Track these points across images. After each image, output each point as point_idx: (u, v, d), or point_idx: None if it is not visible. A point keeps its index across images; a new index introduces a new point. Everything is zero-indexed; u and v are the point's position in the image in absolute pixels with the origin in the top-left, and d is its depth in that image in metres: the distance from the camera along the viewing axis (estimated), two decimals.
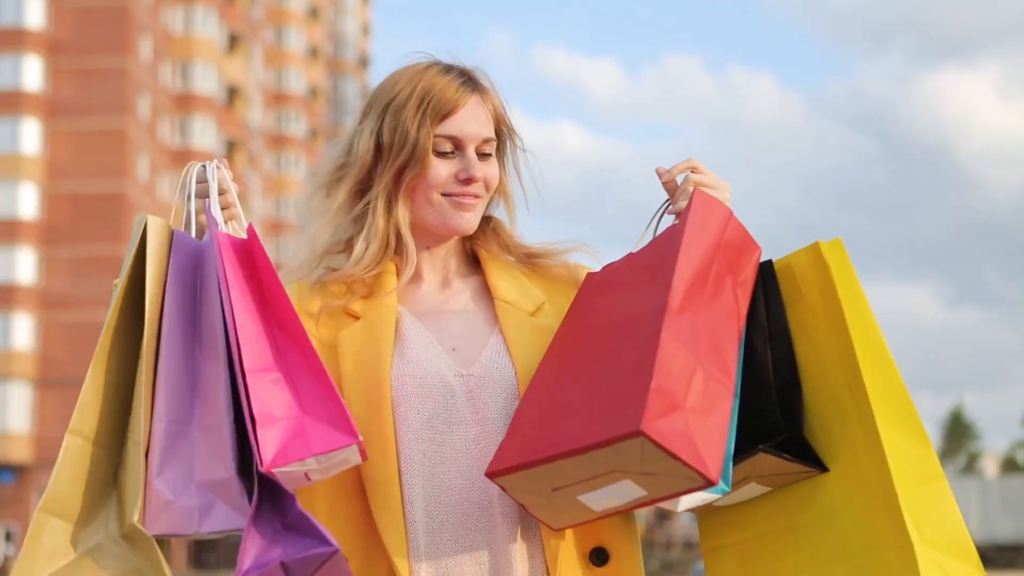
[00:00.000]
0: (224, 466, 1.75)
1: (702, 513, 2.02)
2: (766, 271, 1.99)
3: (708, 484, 1.74)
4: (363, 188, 2.11)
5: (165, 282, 1.85)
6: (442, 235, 2.13)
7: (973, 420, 72.46)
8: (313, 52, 72.62)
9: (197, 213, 2.01)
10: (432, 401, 2.01)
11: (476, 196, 2.09)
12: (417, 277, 2.15)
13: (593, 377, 1.84)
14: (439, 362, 2.04)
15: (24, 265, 46.81)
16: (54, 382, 46.33)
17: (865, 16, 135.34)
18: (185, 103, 54.18)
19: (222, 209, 2.01)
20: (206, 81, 54.79)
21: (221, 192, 2.01)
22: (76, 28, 48.46)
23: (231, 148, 58.56)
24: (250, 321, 1.81)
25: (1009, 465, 67.85)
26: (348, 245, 2.12)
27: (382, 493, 1.97)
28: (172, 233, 1.90)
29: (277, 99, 67.73)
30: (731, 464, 1.84)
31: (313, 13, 73.03)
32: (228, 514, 1.76)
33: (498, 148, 2.15)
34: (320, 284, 2.09)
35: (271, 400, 1.77)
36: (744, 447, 1.87)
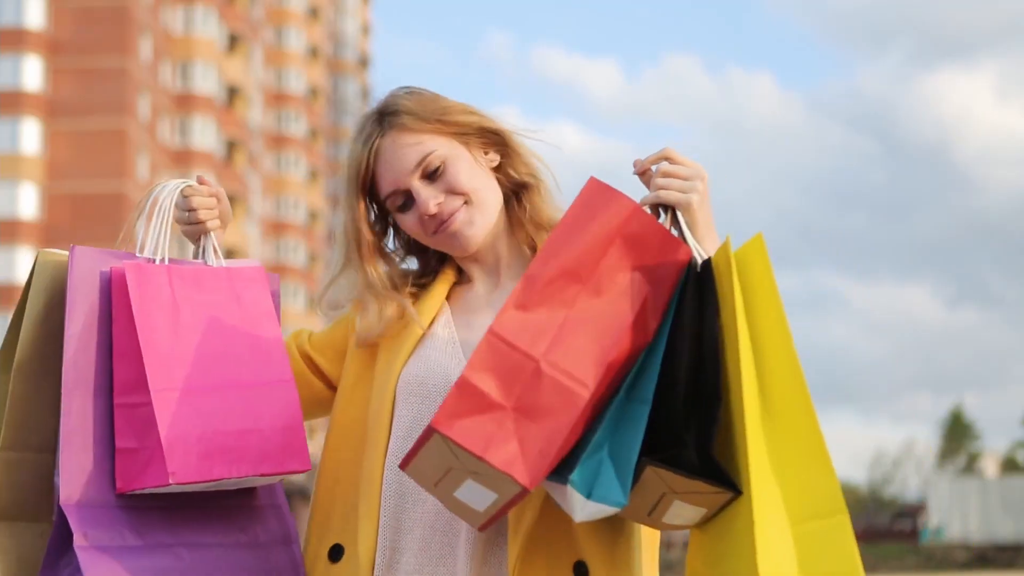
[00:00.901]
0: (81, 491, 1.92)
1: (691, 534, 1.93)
2: (704, 274, 1.82)
3: (524, 489, 1.68)
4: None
5: (57, 309, 1.99)
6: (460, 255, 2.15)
7: (973, 420, 72.45)
8: (313, 52, 72.62)
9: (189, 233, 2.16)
10: (429, 401, 2.02)
11: (452, 213, 2.07)
12: (469, 278, 2.16)
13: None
14: (449, 361, 2.05)
15: (24, 265, 46.80)
16: None
17: (864, 16, 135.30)
18: (185, 103, 54.18)
19: (191, 225, 2.13)
20: (206, 81, 54.79)
21: (189, 210, 2.11)
22: (76, 28, 48.46)
23: (231, 148, 58.56)
24: (119, 355, 1.98)
25: (1009, 465, 67.80)
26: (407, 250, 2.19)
27: (365, 488, 2.02)
28: (66, 264, 2.02)
29: (277, 99, 67.73)
30: (626, 476, 1.72)
31: (313, 13, 73.03)
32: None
33: (474, 136, 2.11)
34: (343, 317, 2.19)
35: (131, 430, 1.94)
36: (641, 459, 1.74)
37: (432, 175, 2.06)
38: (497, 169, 2.14)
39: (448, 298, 2.14)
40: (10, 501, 1.92)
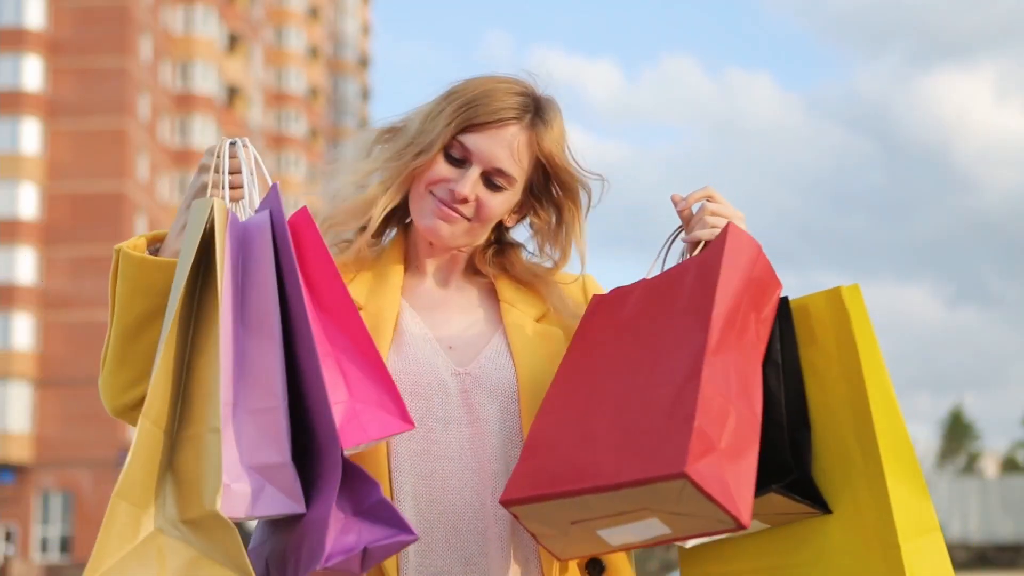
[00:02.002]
0: (278, 451, 1.73)
1: None
2: (782, 309, 1.95)
3: (739, 527, 1.71)
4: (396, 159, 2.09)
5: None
6: (423, 236, 2.10)
7: (973, 420, 72.41)
8: (313, 52, 72.60)
9: (230, 188, 2.02)
10: (426, 399, 2.01)
11: (458, 215, 2.05)
12: (421, 271, 2.14)
13: (620, 409, 1.80)
14: (436, 359, 2.04)
15: (24, 265, 46.81)
16: (54, 382, 46.32)
17: (863, 17, 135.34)
18: (185, 103, 54.18)
19: (233, 189, 2.02)
20: (206, 81, 54.79)
21: (232, 172, 2.02)
22: (76, 28, 48.46)
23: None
24: (305, 304, 1.79)
25: (1009, 465, 67.75)
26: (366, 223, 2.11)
27: None
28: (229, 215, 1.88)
29: (277, 99, 67.73)
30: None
31: (313, 13, 73.01)
32: (279, 498, 1.74)
33: (545, 192, 2.10)
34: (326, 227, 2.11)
35: (330, 384, 1.77)
36: (757, 485, 1.83)
37: (489, 183, 2.05)
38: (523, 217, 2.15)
39: (402, 289, 2.10)
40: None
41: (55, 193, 47.70)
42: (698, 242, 1.98)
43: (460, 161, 2.04)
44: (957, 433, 71.12)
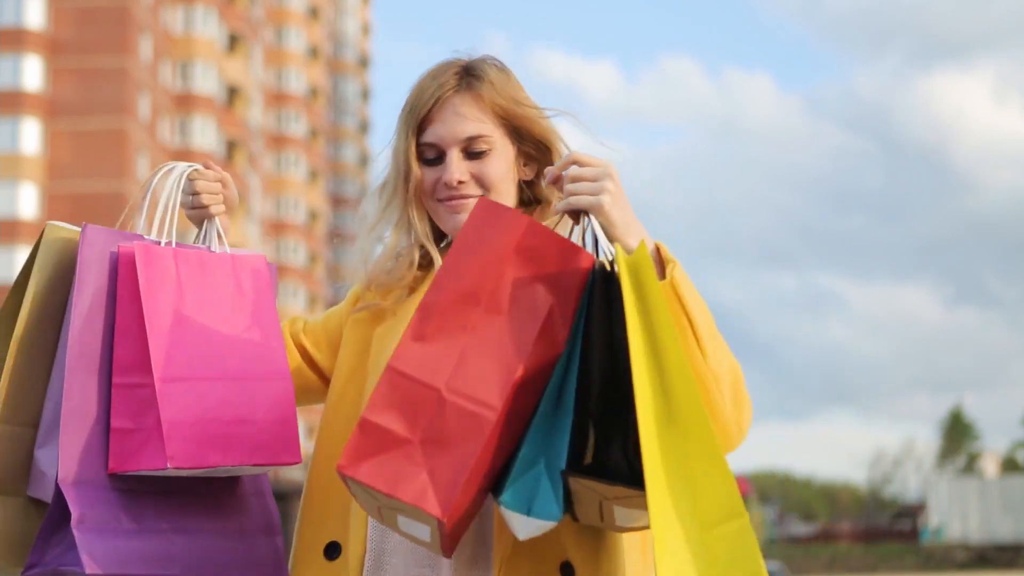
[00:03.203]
0: (72, 468, 1.91)
1: None
2: (612, 278, 1.77)
3: (440, 520, 1.67)
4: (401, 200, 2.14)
5: (60, 285, 1.98)
6: None
7: (973, 420, 72.42)
8: (313, 52, 72.60)
9: (193, 208, 2.14)
10: None
11: (466, 197, 2.06)
12: None
13: None
14: None
15: None
16: None
17: (862, 19, 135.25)
18: (185, 103, 54.19)
19: (195, 209, 2.13)
20: (206, 81, 54.79)
21: (194, 193, 2.12)
22: (76, 28, 48.46)
23: (231, 148, 58.56)
24: (121, 335, 1.96)
25: (1009, 465, 67.77)
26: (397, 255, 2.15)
27: None
28: (76, 238, 2.01)
29: (277, 99, 67.73)
30: (559, 489, 1.72)
31: (313, 13, 73.02)
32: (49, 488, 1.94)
33: (527, 141, 2.10)
34: (369, 286, 2.16)
35: (128, 410, 1.93)
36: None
37: (473, 155, 2.06)
38: (528, 183, 2.14)
39: None
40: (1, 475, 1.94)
41: (55, 193, 47.71)
42: (574, 212, 1.86)
43: (436, 158, 2.07)
44: (957, 433, 71.14)
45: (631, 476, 1.71)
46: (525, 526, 1.72)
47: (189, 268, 2.01)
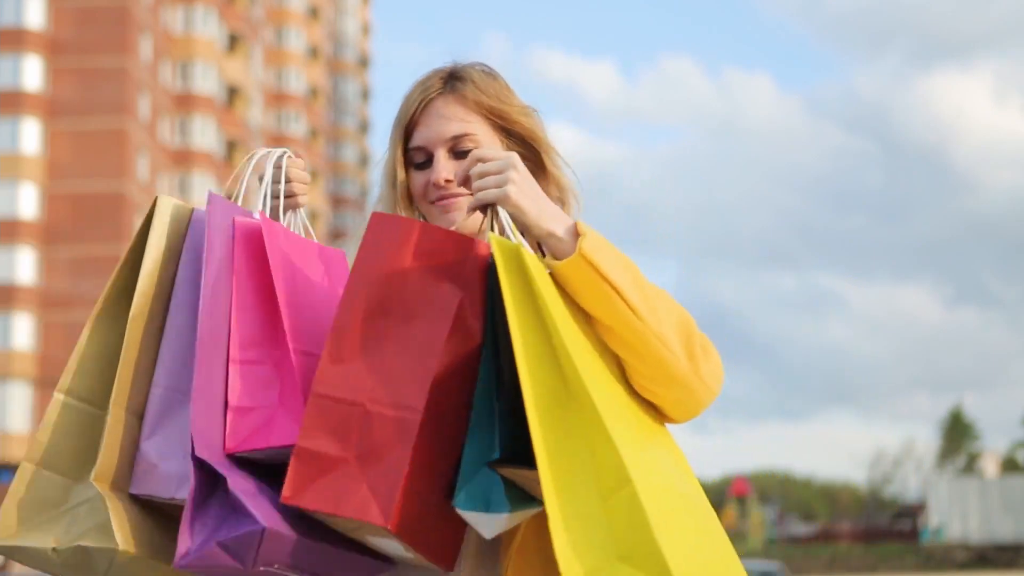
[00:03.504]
0: (203, 443, 1.78)
1: None
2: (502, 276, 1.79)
3: (387, 528, 1.68)
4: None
5: (171, 259, 1.89)
6: None
7: (973, 420, 72.42)
8: (313, 52, 72.64)
9: (286, 197, 2.09)
10: None
11: (455, 196, 2.07)
12: None
13: None
14: None
15: (24, 265, 46.83)
16: (54, 382, 46.14)
17: (862, 19, 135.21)
18: (185, 103, 54.21)
19: (286, 198, 2.08)
20: (206, 81, 54.82)
21: (287, 181, 2.08)
22: (76, 28, 48.48)
23: (231, 148, 58.58)
24: (240, 309, 1.85)
25: (1009, 465, 67.77)
26: None
27: None
28: (191, 212, 1.93)
29: (277, 99, 67.77)
30: (508, 486, 1.73)
31: (313, 13, 73.05)
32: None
33: (511, 136, 2.12)
34: None
35: (249, 388, 1.82)
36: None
37: (460, 155, 2.09)
38: None
39: None
40: (119, 466, 1.81)
41: (55, 193, 47.72)
42: (483, 207, 1.87)
43: (425, 162, 2.10)
44: (957, 433, 71.15)
45: (519, 460, 1.73)
46: (488, 523, 1.73)
47: (296, 251, 1.95)
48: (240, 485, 1.74)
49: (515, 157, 1.89)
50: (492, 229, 1.86)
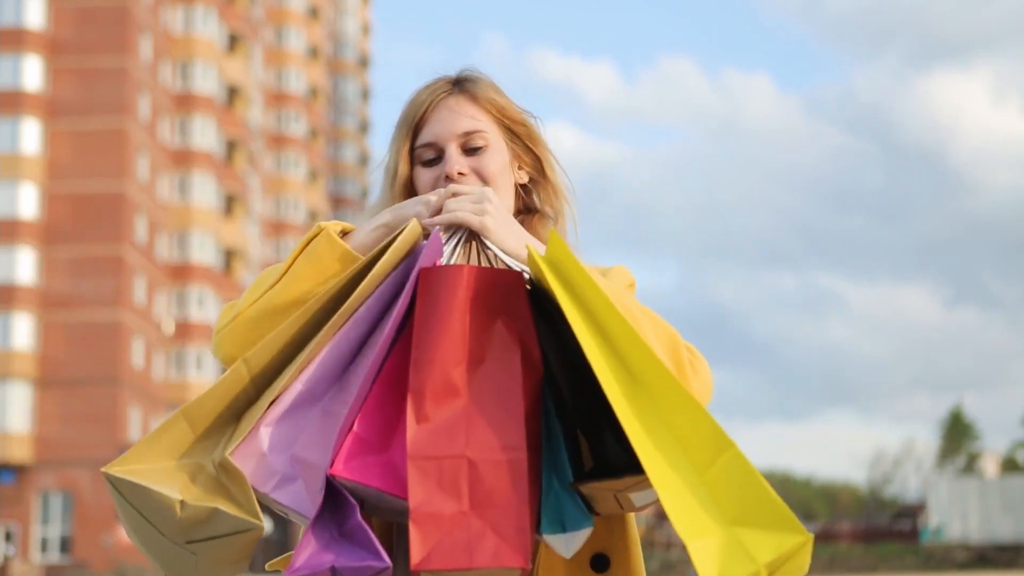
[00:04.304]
0: (323, 454, 1.77)
1: None
2: (535, 286, 1.84)
3: (523, 570, 1.69)
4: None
5: (384, 278, 1.88)
6: None
7: (973, 420, 72.45)
8: (313, 52, 72.63)
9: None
10: None
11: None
12: None
13: None
14: None
15: (24, 265, 46.83)
16: (54, 382, 46.33)
17: (861, 19, 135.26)
18: (185, 103, 54.21)
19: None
20: (206, 81, 54.81)
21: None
22: (76, 28, 48.49)
23: (231, 148, 58.59)
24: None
25: (1009, 465, 67.81)
26: None
27: None
28: (421, 239, 1.92)
29: (277, 99, 67.76)
30: (576, 499, 1.78)
31: (313, 13, 73.04)
32: (301, 496, 1.78)
33: (516, 142, 2.15)
34: None
35: (376, 423, 1.80)
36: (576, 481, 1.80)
37: (470, 151, 2.10)
38: (524, 189, 2.18)
39: None
40: None
41: (55, 193, 47.72)
42: (451, 228, 1.92)
43: (434, 158, 2.11)
44: (957, 433, 71.18)
45: (632, 464, 1.74)
46: (567, 544, 1.77)
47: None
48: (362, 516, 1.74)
49: (490, 191, 1.95)
50: (471, 258, 1.91)
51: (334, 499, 1.75)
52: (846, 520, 73.35)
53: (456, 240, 1.92)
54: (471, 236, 1.93)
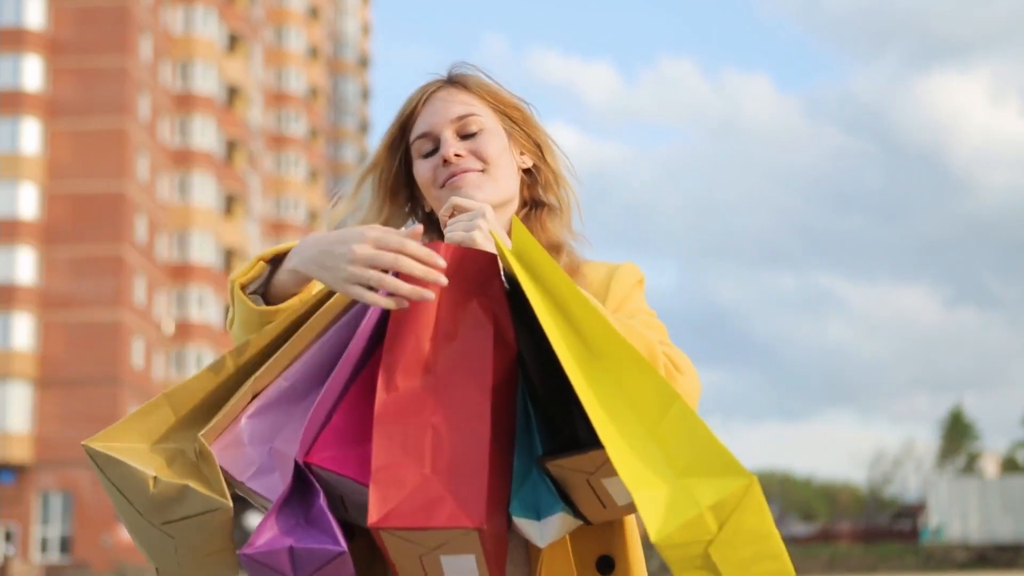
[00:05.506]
0: (300, 449, 1.80)
1: None
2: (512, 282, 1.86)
3: (479, 530, 1.71)
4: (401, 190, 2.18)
5: None
6: None
7: (973, 420, 72.44)
8: (313, 52, 72.62)
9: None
10: None
11: (466, 170, 2.07)
12: None
13: None
14: None
15: (24, 265, 46.83)
16: (54, 382, 46.33)
17: (861, 19, 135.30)
18: (185, 103, 54.20)
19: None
20: (206, 81, 54.81)
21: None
22: (76, 28, 48.48)
23: (231, 148, 58.58)
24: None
25: (1009, 465, 67.79)
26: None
27: None
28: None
29: (277, 99, 67.75)
30: (550, 487, 1.80)
31: (313, 13, 73.04)
32: (277, 487, 1.81)
33: (513, 126, 2.14)
34: None
35: (354, 416, 1.83)
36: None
37: (466, 135, 2.09)
38: (529, 178, 2.16)
39: None
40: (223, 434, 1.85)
41: (55, 193, 47.72)
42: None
43: (432, 150, 2.10)
44: (957, 433, 71.18)
45: (576, 445, 1.78)
46: (540, 531, 1.79)
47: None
48: (325, 502, 1.76)
49: (488, 208, 1.95)
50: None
51: (302, 486, 1.78)
52: (846, 520, 73.36)
53: None
54: None
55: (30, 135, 47.47)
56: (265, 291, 1.95)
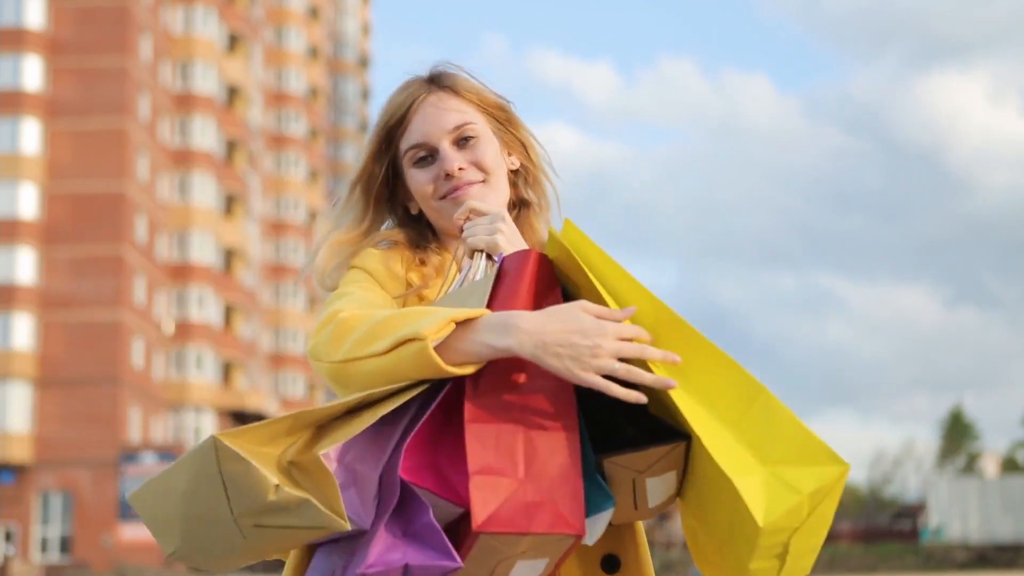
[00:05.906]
0: (375, 465, 1.82)
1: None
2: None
3: (578, 537, 1.73)
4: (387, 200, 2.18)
5: None
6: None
7: (973, 420, 72.45)
8: (313, 52, 72.63)
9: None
10: None
11: (469, 183, 2.07)
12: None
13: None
14: None
15: (24, 265, 46.83)
16: (54, 382, 46.34)
17: (860, 19, 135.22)
18: (185, 103, 54.21)
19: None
20: (206, 81, 54.82)
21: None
22: (76, 28, 48.49)
23: (231, 148, 58.59)
24: None
25: (1009, 465, 67.82)
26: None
27: None
28: None
29: (277, 99, 67.76)
30: (597, 479, 1.82)
31: (313, 13, 73.04)
32: (355, 503, 1.81)
33: (500, 127, 2.15)
34: (395, 250, 2.11)
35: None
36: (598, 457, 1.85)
37: (463, 143, 2.09)
38: (515, 177, 2.17)
39: None
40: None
41: (55, 193, 47.72)
42: (472, 252, 1.98)
43: (427, 157, 2.09)
44: (957, 433, 71.18)
45: (651, 436, 1.81)
46: (590, 528, 1.80)
47: None
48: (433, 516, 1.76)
49: (504, 211, 1.99)
50: (487, 272, 1.96)
51: (405, 500, 1.78)
52: (846, 520, 73.32)
53: (480, 258, 1.97)
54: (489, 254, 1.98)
55: (30, 135, 47.47)
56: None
